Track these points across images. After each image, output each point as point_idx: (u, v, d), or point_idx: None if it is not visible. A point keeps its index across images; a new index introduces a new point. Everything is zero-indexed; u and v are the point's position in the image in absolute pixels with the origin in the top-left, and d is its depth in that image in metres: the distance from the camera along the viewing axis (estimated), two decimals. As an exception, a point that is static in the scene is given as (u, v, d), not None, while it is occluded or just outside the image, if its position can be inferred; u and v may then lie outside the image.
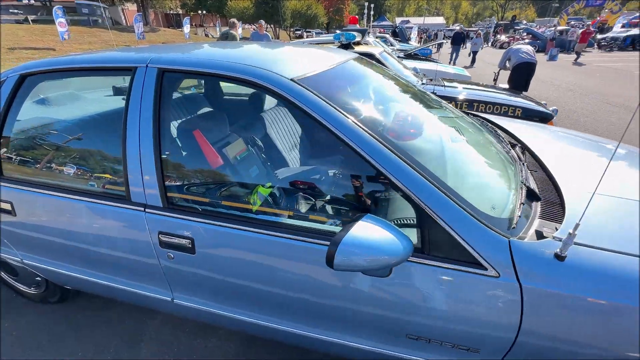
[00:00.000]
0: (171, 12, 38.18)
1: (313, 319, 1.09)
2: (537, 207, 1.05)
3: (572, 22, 30.18)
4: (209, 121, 1.53)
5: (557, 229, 0.93)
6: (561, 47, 16.21)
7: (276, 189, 1.15)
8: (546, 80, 8.78)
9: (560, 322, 0.85)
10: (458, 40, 10.31)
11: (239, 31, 6.17)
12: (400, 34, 15.89)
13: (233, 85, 1.09)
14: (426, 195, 0.88)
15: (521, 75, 5.02)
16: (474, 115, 2.05)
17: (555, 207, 1.06)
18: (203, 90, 2.10)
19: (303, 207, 1.10)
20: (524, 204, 1.02)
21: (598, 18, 31.46)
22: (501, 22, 37.88)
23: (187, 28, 17.44)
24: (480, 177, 1.15)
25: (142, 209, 1.11)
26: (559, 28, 21.05)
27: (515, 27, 32.88)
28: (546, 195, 1.12)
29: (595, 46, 19.02)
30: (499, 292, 0.86)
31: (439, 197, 0.88)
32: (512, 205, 1.00)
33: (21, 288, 1.76)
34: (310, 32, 44.81)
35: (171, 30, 25.73)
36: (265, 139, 1.79)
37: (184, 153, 1.27)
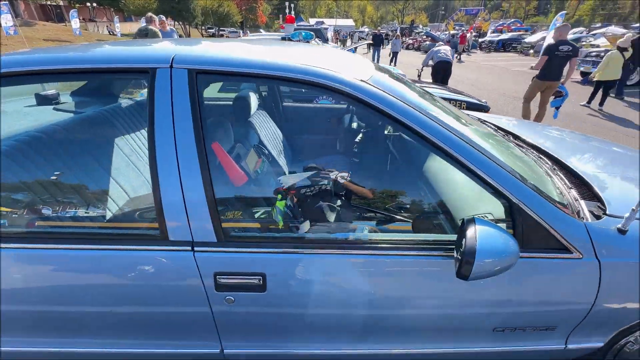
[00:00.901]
0: (48, 2, 31.72)
1: (405, 334, 1.03)
2: (572, 191, 1.17)
3: (456, 27, 35.73)
4: (223, 131, 1.30)
5: (602, 208, 1.06)
6: (454, 49, 19.20)
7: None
8: (452, 77, 10.14)
9: (628, 287, 0.97)
10: (378, 41, 11.12)
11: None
12: (320, 35, 16.44)
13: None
14: (516, 190, 0.90)
15: (438, 73, 5.78)
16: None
17: (584, 189, 1.20)
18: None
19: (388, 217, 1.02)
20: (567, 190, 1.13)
21: (474, 24, 38.04)
22: (402, 26, 42.43)
23: (75, 23, 14.82)
24: (530, 170, 1.20)
25: (189, 247, 0.87)
26: (452, 32, 24.57)
27: (414, 31, 37.09)
28: (573, 180, 1.26)
29: (478, 48, 22.85)
30: (583, 270, 0.94)
31: (527, 192, 0.91)
32: (559, 192, 1.10)
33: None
34: (224, 30, 42.77)
35: (52, 24, 21.35)
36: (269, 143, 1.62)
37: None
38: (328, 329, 1.00)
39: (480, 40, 23.39)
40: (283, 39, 5.46)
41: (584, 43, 16.59)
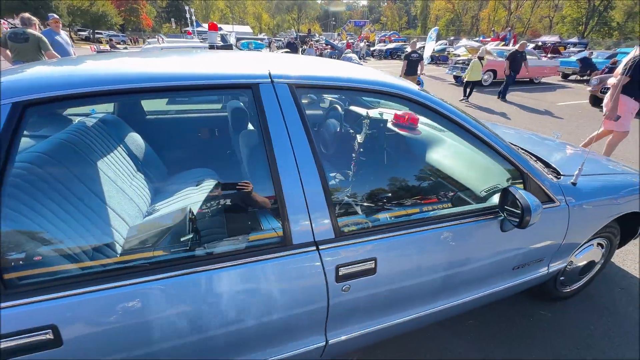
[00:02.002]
0: None
1: (465, 285, 1.30)
2: (538, 163, 1.65)
3: (348, 37, 39.70)
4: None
5: (559, 173, 1.55)
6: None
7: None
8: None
9: (583, 220, 1.46)
10: (293, 48, 11.48)
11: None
12: (222, 40, 16.06)
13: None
14: (525, 165, 1.28)
15: None
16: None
17: (545, 163, 1.70)
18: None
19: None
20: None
21: (362, 35, 42.94)
22: (301, 34, 44.46)
23: None
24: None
25: (314, 247, 0.94)
26: (347, 40, 27.12)
27: (313, 39, 39.47)
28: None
29: (371, 55, 25.95)
30: (561, 213, 1.39)
31: (530, 165, 1.30)
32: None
33: None
34: (100, 34, 37.07)
35: None
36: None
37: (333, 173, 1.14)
38: (422, 295, 1.19)
39: (372, 49, 26.58)
40: (211, 47, 5.24)
41: (447, 52, 20.67)
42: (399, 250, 1.07)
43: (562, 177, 1.50)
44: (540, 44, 23.91)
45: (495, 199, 1.31)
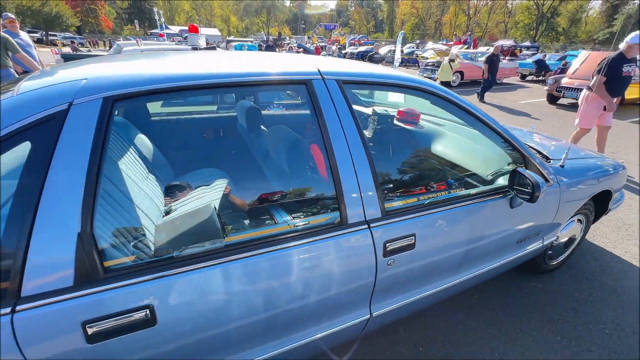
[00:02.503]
0: None
1: (482, 258, 1.47)
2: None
3: (319, 40, 40.24)
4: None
5: (548, 158, 1.77)
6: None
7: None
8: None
9: (570, 197, 1.69)
10: (272, 51, 11.49)
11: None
12: (190, 42, 15.75)
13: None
14: (527, 151, 1.47)
15: None
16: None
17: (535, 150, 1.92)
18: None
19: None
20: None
21: (332, 38, 43.76)
22: (273, 37, 44.37)
23: None
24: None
25: (366, 226, 1.05)
26: (320, 45, 27.51)
27: (284, 42, 39.54)
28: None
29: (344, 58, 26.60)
30: (554, 192, 1.59)
31: (530, 151, 1.49)
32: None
33: None
34: (55, 35, 34.69)
35: None
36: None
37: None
38: (449, 267, 1.34)
39: (344, 52, 27.10)
40: (194, 48, 5.18)
41: (415, 55, 21.62)
42: (432, 227, 1.20)
43: (551, 161, 1.72)
44: (487, 48, 25.69)
45: (500, 181, 1.49)
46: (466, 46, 21.28)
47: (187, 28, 33.08)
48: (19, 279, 0.67)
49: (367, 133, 1.91)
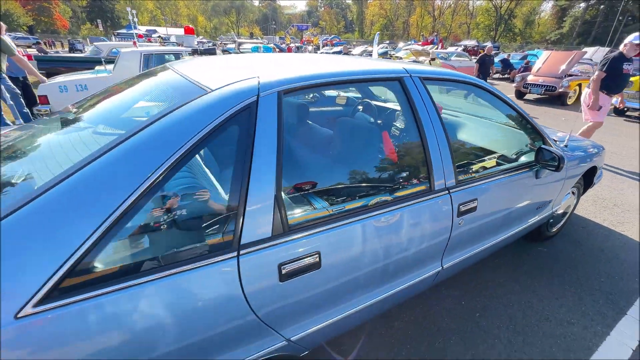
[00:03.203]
0: None
1: (509, 224, 1.80)
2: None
3: (292, 40, 40.51)
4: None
5: (556, 140, 2.15)
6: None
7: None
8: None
9: (572, 171, 2.07)
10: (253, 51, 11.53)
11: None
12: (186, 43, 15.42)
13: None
14: (545, 135, 1.82)
15: None
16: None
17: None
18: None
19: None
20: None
21: (304, 39, 44.18)
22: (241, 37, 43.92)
23: None
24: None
25: (447, 192, 1.33)
26: (295, 45, 27.68)
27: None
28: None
29: (319, 59, 26.93)
30: (563, 169, 1.96)
31: (547, 135, 1.85)
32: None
33: None
34: (10, 34, 32.02)
35: None
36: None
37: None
38: (497, 226, 1.67)
39: (319, 52, 27.51)
40: (194, 51, 5.22)
41: (389, 55, 22.42)
42: (487, 193, 1.51)
43: (557, 142, 2.10)
44: (463, 47, 27.25)
45: (523, 159, 1.83)
46: (436, 46, 22.41)
47: (154, 28, 31.48)
48: (240, 233, 0.88)
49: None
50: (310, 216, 1.04)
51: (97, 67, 5.89)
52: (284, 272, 0.94)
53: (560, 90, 8.64)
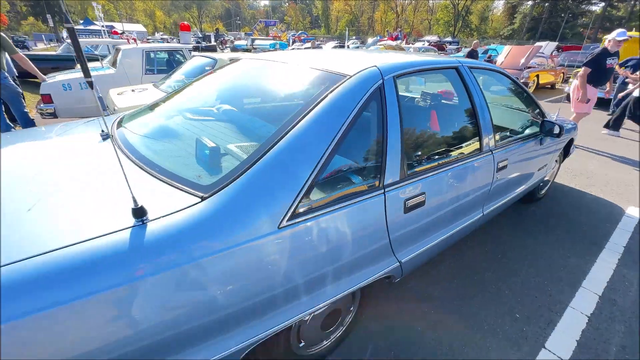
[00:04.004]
0: None
1: (528, 177, 2.29)
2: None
3: (259, 36, 40.10)
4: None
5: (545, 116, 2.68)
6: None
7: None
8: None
9: (561, 142, 2.63)
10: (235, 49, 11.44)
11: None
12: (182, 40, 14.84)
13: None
14: (545, 112, 2.32)
15: None
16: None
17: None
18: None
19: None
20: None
21: (271, 34, 43.83)
22: (208, 33, 42.63)
23: None
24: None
25: (490, 152, 1.76)
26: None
27: (224, 38, 38.39)
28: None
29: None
30: (561, 141, 2.49)
31: (547, 113, 2.35)
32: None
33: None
34: None
35: None
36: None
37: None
38: (514, 182, 2.12)
39: (290, 48, 27.59)
40: (196, 48, 5.30)
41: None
42: (513, 154, 1.96)
43: (548, 117, 2.63)
44: (426, 42, 28.67)
45: (527, 131, 2.32)
46: (401, 41, 23.45)
47: (111, 25, 29.43)
48: (383, 178, 1.23)
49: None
50: (419, 169, 1.42)
51: (90, 65, 5.76)
52: (407, 206, 1.31)
53: (522, 80, 9.65)
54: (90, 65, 6.62)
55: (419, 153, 1.48)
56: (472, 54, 9.46)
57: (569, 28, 38.72)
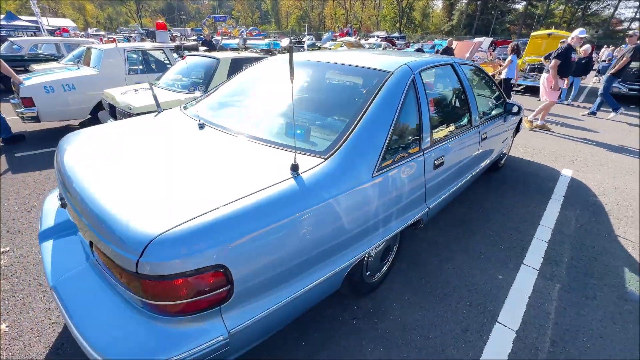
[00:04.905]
0: None
1: (493, 152, 2.98)
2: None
3: (207, 32, 38.70)
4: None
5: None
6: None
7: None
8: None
9: (517, 121, 3.39)
10: (211, 47, 11.02)
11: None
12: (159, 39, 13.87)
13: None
14: (505, 95, 3.03)
15: None
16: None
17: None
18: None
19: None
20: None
21: (221, 30, 42.51)
22: (147, 29, 39.93)
23: None
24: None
25: (477, 127, 2.37)
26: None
27: (168, 35, 36.30)
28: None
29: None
30: (516, 119, 3.22)
31: (508, 96, 3.06)
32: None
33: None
34: None
35: None
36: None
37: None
38: (491, 150, 2.77)
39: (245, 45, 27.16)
40: (178, 47, 5.35)
41: (318, 47, 23.62)
42: (489, 129, 2.60)
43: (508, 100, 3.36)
44: (378, 39, 30.16)
45: (493, 112, 3.00)
46: (358, 38, 24.47)
47: (34, 19, 26.56)
48: (421, 144, 1.73)
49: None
50: (440, 138, 1.94)
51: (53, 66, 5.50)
52: (435, 164, 1.83)
53: (468, 72, 10.90)
54: (51, 66, 6.22)
55: (437, 127, 2.00)
56: (447, 53, 10.12)
57: (498, 24, 43.12)
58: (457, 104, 2.35)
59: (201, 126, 1.72)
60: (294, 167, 1.23)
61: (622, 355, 1.64)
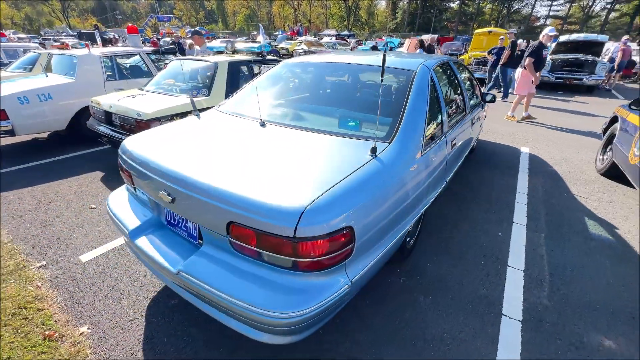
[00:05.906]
0: None
1: (476, 136, 3.52)
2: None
3: (153, 34, 36.33)
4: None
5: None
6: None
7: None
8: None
9: (485, 108, 4.00)
10: (180, 49, 10.40)
11: None
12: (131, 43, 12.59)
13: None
14: (481, 89, 3.59)
15: None
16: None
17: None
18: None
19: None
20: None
21: (164, 31, 40.21)
22: (86, 31, 36.26)
23: None
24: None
25: (469, 113, 2.85)
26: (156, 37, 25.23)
27: (107, 36, 33.46)
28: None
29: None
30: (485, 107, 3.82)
31: (480, 88, 3.62)
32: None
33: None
34: None
35: None
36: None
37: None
38: (477, 132, 3.29)
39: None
40: (156, 52, 5.23)
41: (274, 46, 23.55)
42: (474, 116, 3.10)
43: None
44: (333, 37, 30.93)
45: (475, 100, 3.53)
46: (303, 36, 24.85)
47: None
48: (443, 128, 2.13)
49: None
50: (452, 123, 2.36)
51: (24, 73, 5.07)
52: (452, 144, 2.24)
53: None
54: (20, 73, 5.67)
55: (450, 114, 2.41)
56: (429, 51, 10.76)
57: (437, 22, 46.50)
58: (458, 94, 2.81)
59: (262, 124, 1.93)
60: (373, 150, 1.52)
61: (597, 273, 2.21)
